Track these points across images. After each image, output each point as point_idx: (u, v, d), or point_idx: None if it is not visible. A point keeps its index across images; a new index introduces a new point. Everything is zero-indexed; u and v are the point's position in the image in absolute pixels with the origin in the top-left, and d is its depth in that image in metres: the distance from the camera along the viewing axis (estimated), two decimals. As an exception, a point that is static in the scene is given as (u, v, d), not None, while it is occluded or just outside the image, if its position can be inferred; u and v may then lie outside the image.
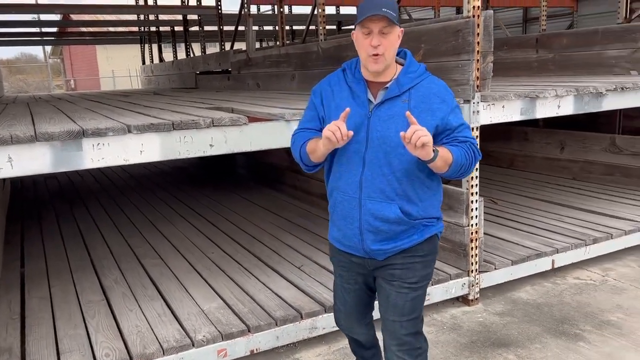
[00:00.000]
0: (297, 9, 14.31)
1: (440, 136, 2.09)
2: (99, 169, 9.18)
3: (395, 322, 2.21)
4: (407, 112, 1.94)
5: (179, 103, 5.00)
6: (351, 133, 1.98)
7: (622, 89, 4.46)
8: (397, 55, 2.16)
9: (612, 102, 4.48)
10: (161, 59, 14.44)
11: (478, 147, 2.15)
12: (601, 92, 4.34)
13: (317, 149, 2.10)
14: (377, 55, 2.02)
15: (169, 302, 3.69)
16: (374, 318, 2.64)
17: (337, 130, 1.95)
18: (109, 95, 9.17)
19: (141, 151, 2.86)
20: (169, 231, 5.46)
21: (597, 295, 3.99)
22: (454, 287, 3.86)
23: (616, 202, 5.57)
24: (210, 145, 3.02)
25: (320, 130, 2.12)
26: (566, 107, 4.20)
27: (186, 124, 2.93)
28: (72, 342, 3.18)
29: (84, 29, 16.34)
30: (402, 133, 1.91)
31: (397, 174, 2.07)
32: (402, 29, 2.11)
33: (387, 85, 2.09)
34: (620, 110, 7.15)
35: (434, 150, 1.95)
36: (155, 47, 14.93)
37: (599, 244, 4.55)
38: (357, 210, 2.12)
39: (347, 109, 1.99)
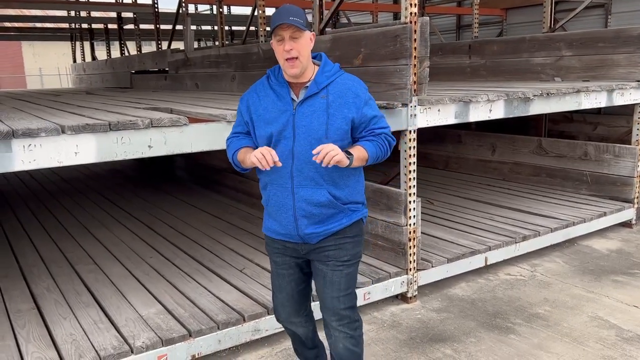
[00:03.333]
0: (237, 10, 14.21)
1: (358, 129, 2.33)
2: (28, 172, 8.72)
3: (333, 299, 2.43)
4: (315, 150, 2.16)
5: (114, 103, 4.84)
6: (279, 163, 2.21)
7: (548, 94, 4.73)
8: (314, 58, 2.39)
9: (539, 107, 4.75)
10: (94, 57, 13.91)
11: (390, 132, 2.42)
12: (529, 97, 4.58)
13: (245, 160, 2.34)
14: (291, 59, 2.24)
15: (105, 308, 3.57)
16: (316, 319, 2.68)
17: (262, 159, 2.18)
18: (37, 94, 8.73)
19: (76, 152, 2.76)
20: (104, 236, 5.27)
21: (527, 289, 4.22)
22: (394, 286, 3.96)
23: (542, 202, 5.90)
24: (149, 146, 2.95)
25: (247, 134, 2.44)
26: (497, 111, 4.41)
27: (123, 125, 2.85)
28: (0, 354, 3.01)
29: (8, 24, 15.47)
30: (313, 151, 2.16)
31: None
32: (313, 32, 2.34)
33: (307, 84, 2.32)
34: (546, 114, 7.57)
35: (348, 157, 2.22)
36: (87, 44, 14.36)
37: (527, 241, 4.81)
38: (290, 198, 2.33)
39: (277, 159, 2.20)
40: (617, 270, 4.54)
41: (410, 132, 3.86)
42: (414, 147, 3.90)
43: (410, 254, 4.00)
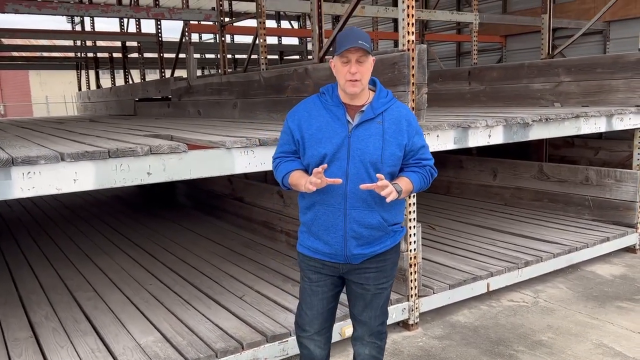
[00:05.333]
0: (240, 38, 14.42)
1: (406, 156, 2.42)
2: (29, 198, 8.75)
3: (371, 318, 2.54)
4: (379, 175, 2.24)
5: (116, 130, 4.88)
6: (338, 180, 2.27)
7: (547, 119, 4.75)
8: (369, 83, 2.45)
9: (538, 132, 4.76)
10: (98, 86, 14.09)
11: (433, 164, 2.51)
12: (528, 123, 4.60)
13: (299, 186, 2.36)
14: (355, 80, 2.30)
15: (103, 336, 3.53)
16: (332, 340, 2.71)
17: (317, 184, 2.24)
18: (42, 122, 8.82)
19: (75, 180, 2.77)
20: (104, 263, 5.25)
21: (530, 316, 4.16)
22: (395, 313, 3.92)
23: (544, 227, 5.87)
24: (148, 173, 2.96)
25: (295, 153, 2.45)
26: (496, 136, 4.42)
27: (123, 152, 2.87)
28: (-4, 383, 2.98)
29: (15, 53, 15.74)
30: (374, 185, 2.22)
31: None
32: (374, 58, 2.39)
33: (363, 109, 2.37)
34: (546, 139, 7.60)
35: (398, 192, 2.29)
36: (92, 73, 14.57)
37: (530, 267, 4.76)
38: (341, 219, 2.37)
39: (325, 165, 2.25)
40: (621, 296, 4.48)
41: (409, 157, 3.86)
42: (413, 172, 3.90)
43: (411, 280, 3.97)
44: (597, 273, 5.05)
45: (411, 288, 3.97)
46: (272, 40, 13.89)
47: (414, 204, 3.93)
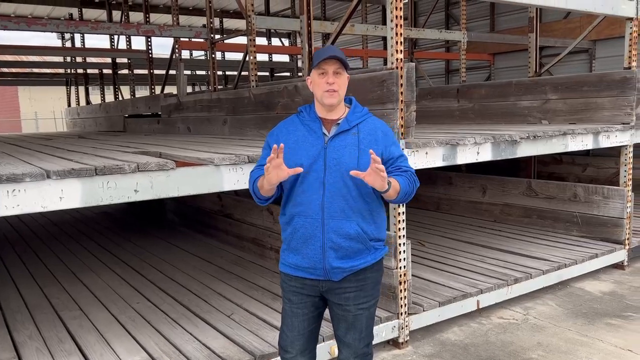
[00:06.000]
0: (230, 55, 14.49)
1: (386, 164, 2.40)
2: (16, 215, 8.65)
3: (355, 340, 2.52)
4: (371, 150, 2.23)
5: (104, 147, 4.85)
6: (296, 170, 2.28)
7: (534, 137, 4.79)
8: (345, 101, 2.52)
9: (526, 149, 4.80)
10: (88, 102, 14.05)
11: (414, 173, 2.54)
12: (516, 140, 4.64)
13: (263, 183, 2.38)
14: (332, 90, 2.36)
15: (87, 356, 3.47)
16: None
17: (275, 165, 2.24)
18: (29, 138, 8.76)
19: (61, 197, 2.74)
20: (91, 281, 5.18)
21: (520, 333, 4.15)
22: (385, 331, 3.89)
23: (534, 243, 5.88)
24: (135, 190, 2.94)
25: None
26: (484, 153, 4.45)
27: (110, 169, 2.85)
28: (-24, 406, 2.91)
29: (5, 69, 15.68)
30: (373, 156, 2.19)
31: (352, 193, 2.37)
32: (348, 76, 2.47)
33: (339, 121, 2.44)
34: (535, 156, 7.66)
35: (387, 182, 2.27)
36: (82, 89, 14.53)
37: (519, 283, 4.76)
38: (320, 230, 2.37)
39: (282, 145, 2.26)
40: (610, 313, 4.48)
41: (398, 174, 3.87)
42: (402, 189, 3.90)
43: (401, 298, 3.95)
44: (586, 290, 5.06)
45: (401, 306, 3.94)
46: (262, 57, 13.97)
47: (403, 220, 3.93)
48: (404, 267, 3.94)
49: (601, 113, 5.94)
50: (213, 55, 7.01)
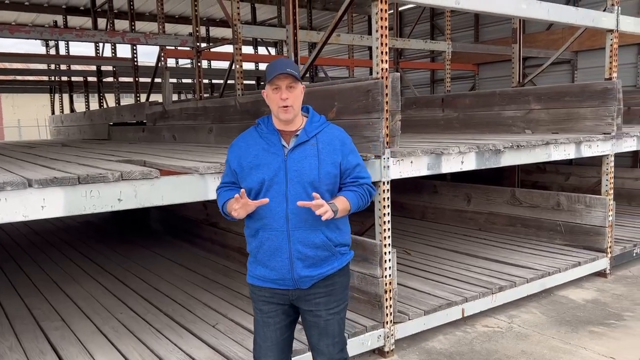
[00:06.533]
0: (216, 64, 14.48)
1: (343, 175, 2.49)
2: (-3, 224, 8.52)
3: (329, 346, 2.53)
4: (310, 203, 2.30)
5: (88, 155, 4.81)
6: (262, 201, 2.33)
7: (518, 146, 4.85)
8: (302, 110, 2.54)
9: (510, 159, 4.84)
10: (72, 109, 13.92)
11: (371, 182, 2.60)
12: (499, 149, 4.69)
13: (231, 210, 2.38)
14: (286, 106, 2.38)
15: (69, 368, 3.42)
16: None
17: (239, 208, 2.31)
18: (12, 146, 8.65)
19: (43, 207, 2.71)
20: (73, 291, 5.11)
21: (504, 342, 4.17)
22: (370, 340, 3.88)
23: (518, 252, 5.93)
24: (119, 199, 2.91)
25: (234, 183, 2.52)
26: (469, 162, 4.49)
27: (93, 178, 2.82)
28: (-47, 420, 2.84)
29: (-13, 76, 15.48)
30: (312, 203, 2.28)
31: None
32: (303, 86, 2.50)
33: (297, 133, 2.45)
34: (518, 165, 7.73)
35: (334, 211, 2.35)
36: (66, 96, 14.40)
37: (504, 292, 4.79)
38: (286, 241, 2.39)
39: (242, 190, 2.32)
40: (593, 320, 4.53)
41: (383, 183, 3.89)
42: (387, 197, 3.92)
43: (387, 307, 3.95)
44: (570, 298, 5.11)
45: (387, 314, 3.94)
46: (249, 66, 13.99)
47: (388, 229, 3.94)
48: (390, 275, 3.94)
49: (583, 123, 6.02)
50: (199, 64, 7.00)
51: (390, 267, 3.94)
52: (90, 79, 13.20)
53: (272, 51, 14.99)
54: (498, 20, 10.86)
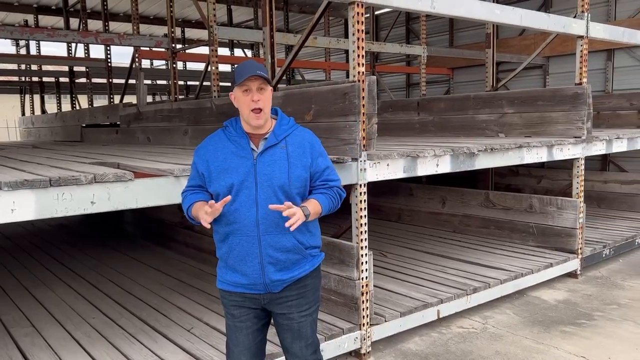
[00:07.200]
0: (192, 65, 14.36)
1: (312, 178, 2.48)
2: (-36, 228, 8.29)
3: (302, 348, 2.52)
4: (275, 206, 2.28)
5: (60, 157, 4.71)
6: (225, 200, 2.28)
7: (492, 149, 4.92)
8: (270, 112, 2.51)
9: (484, 162, 4.92)
10: (43, 111, 13.64)
11: (341, 185, 2.61)
12: (474, 153, 4.75)
13: (198, 217, 2.37)
14: (257, 109, 2.35)
15: (40, 375, 3.34)
16: None
17: (209, 214, 2.28)
18: (-20, 147, 8.41)
19: (12, 210, 2.64)
20: (45, 296, 5.00)
21: (479, 342, 4.22)
22: (347, 342, 3.89)
23: (492, 253, 6.02)
24: (92, 202, 2.86)
25: (201, 186, 2.48)
26: (444, 165, 4.54)
27: (65, 180, 2.77)
28: None
29: (-46, 76, 15.06)
30: (284, 213, 2.25)
31: None
32: (271, 88, 2.48)
33: (266, 136, 2.43)
34: (492, 168, 7.86)
35: (306, 215, 2.34)
36: (37, 97, 14.09)
37: (478, 293, 4.85)
38: (256, 246, 2.36)
39: (211, 202, 2.29)
40: (564, 320, 4.62)
41: (360, 186, 3.91)
42: (364, 200, 3.94)
43: (363, 309, 3.96)
44: (542, 298, 5.20)
45: (363, 317, 3.96)
46: (225, 67, 13.90)
47: (365, 231, 3.95)
48: (366, 277, 3.96)
49: (555, 127, 6.15)
50: (174, 65, 6.94)
51: (367, 270, 3.96)
52: (62, 79, 12.95)
53: (249, 53, 14.94)
54: (472, 25, 11.03)
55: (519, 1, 9.95)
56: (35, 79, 13.77)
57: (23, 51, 14.25)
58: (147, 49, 7.91)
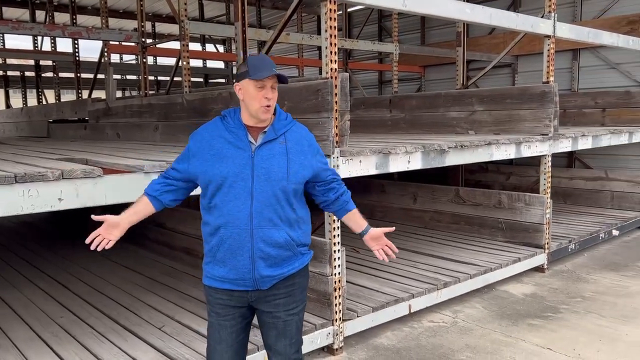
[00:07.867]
0: (163, 60, 14.15)
1: (320, 176, 2.53)
2: None
3: (286, 346, 2.50)
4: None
5: (26, 153, 4.60)
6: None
7: (462, 146, 5.00)
8: None
9: (454, 158, 4.99)
10: (8, 105, 13.25)
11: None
12: (444, 149, 4.82)
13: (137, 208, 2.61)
14: (269, 106, 2.37)
15: (6, 377, 3.26)
16: None
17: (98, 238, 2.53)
18: (-59, 143, 8.13)
19: (-24, 207, 2.57)
20: (11, 297, 4.87)
21: (449, 336, 4.29)
22: (319, 338, 3.91)
23: (462, 248, 6.12)
24: (59, 199, 2.81)
25: (179, 179, 2.50)
26: (415, 162, 4.59)
27: (31, 177, 2.70)
28: None
29: None
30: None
31: (281, 203, 2.37)
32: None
33: (265, 130, 2.41)
34: (462, 165, 7.98)
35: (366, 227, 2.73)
36: (1, 91, 13.70)
37: (448, 287, 4.93)
38: (248, 240, 2.34)
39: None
40: (532, 314, 4.73)
41: (333, 182, 3.91)
42: (336, 197, 3.95)
43: (336, 304, 3.98)
44: (510, 292, 5.31)
45: (336, 312, 3.98)
46: (196, 63, 13.75)
47: (337, 227, 3.97)
48: (339, 273, 3.98)
49: (523, 124, 6.28)
50: (144, 60, 6.83)
51: (339, 265, 3.98)
52: (28, 73, 12.62)
53: (221, 48, 14.80)
54: (443, 23, 11.15)
55: (488, 0, 10.11)
56: (-1, 72, 13.39)
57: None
58: (117, 43, 7.76)
